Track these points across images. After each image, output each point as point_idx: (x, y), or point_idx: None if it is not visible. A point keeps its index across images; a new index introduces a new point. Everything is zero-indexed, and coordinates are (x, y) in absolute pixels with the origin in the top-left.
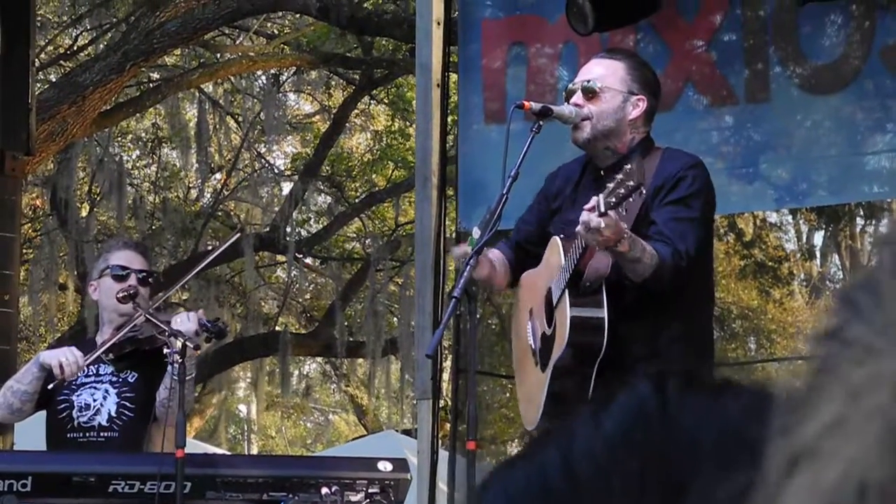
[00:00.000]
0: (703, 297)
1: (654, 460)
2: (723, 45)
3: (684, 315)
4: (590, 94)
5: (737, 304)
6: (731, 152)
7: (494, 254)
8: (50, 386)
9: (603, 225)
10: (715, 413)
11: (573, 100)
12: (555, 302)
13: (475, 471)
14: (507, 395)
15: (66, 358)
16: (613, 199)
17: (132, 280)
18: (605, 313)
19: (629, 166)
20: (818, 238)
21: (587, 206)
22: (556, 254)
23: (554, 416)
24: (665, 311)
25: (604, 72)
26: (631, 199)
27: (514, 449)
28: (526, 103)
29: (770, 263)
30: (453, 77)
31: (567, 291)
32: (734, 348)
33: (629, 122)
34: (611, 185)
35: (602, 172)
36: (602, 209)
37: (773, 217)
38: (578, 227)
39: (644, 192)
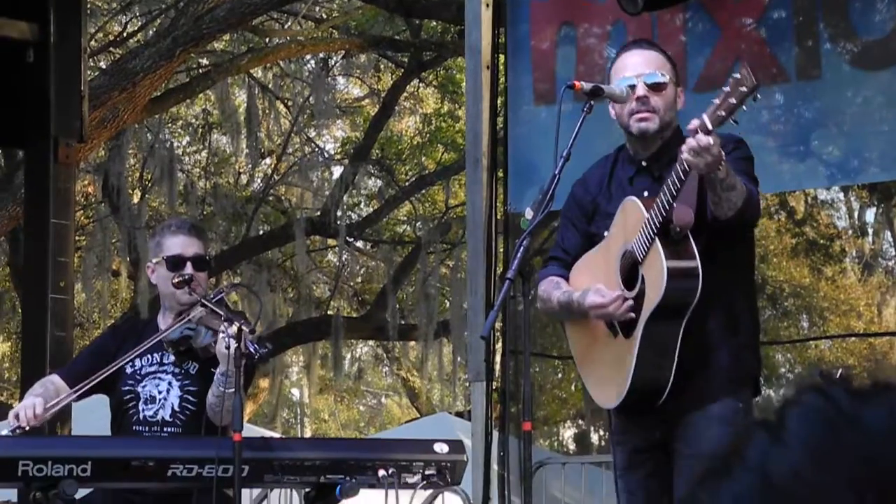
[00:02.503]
0: (747, 272)
1: (859, 461)
2: (772, 22)
3: (731, 283)
4: (657, 87)
5: (789, 282)
6: (782, 130)
7: (563, 284)
8: (5, 431)
9: (711, 143)
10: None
11: (639, 92)
12: (641, 258)
13: (530, 452)
14: (560, 375)
15: (25, 406)
16: (723, 112)
17: (188, 269)
18: (697, 262)
19: (743, 71)
20: (870, 215)
21: (690, 127)
22: (635, 212)
23: (644, 380)
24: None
25: (657, 64)
26: (744, 107)
27: (566, 430)
28: (577, 83)
29: (822, 241)
30: (503, 58)
31: (658, 241)
32: (786, 326)
33: (676, 111)
34: (717, 101)
35: (644, 164)
36: (709, 126)
37: (824, 194)
38: (683, 155)
39: (758, 96)
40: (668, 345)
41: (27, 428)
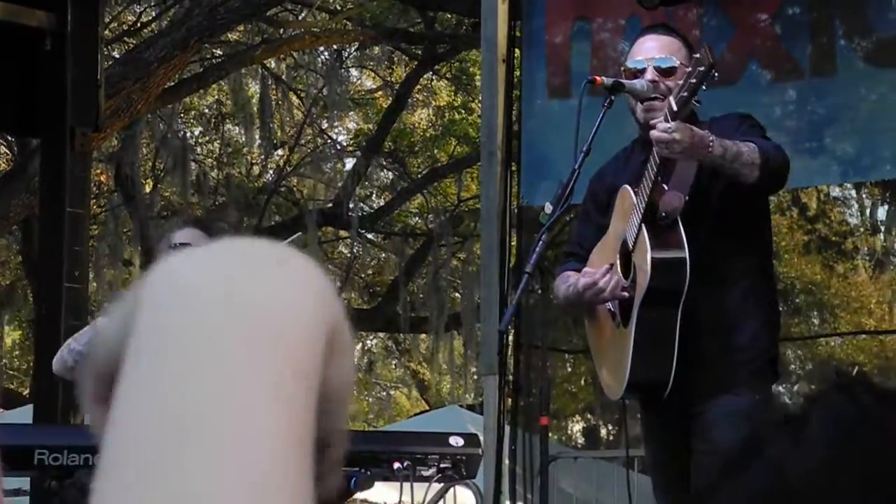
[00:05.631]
0: (765, 250)
1: (875, 472)
2: (787, 18)
3: (750, 266)
4: (668, 72)
5: (800, 278)
6: (795, 126)
7: (571, 278)
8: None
9: (673, 128)
10: None
11: (647, 77)
12: (631, 246)
13: (547, 446)
14: (569, 370)
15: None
16: (686, 93)
17: None
18: (685, 252)
19: (702, 51)
20: (882, 212)
21: (658, 119)
22: (627, 199)
23: (644, 370)
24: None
25: (671, 49)
26: (704, 87)
27: (575, 424)
28: (598, 78)
29: (834, 238)
30: (518, 52)
31: (644, 229)
32: (797, 323)
33: None
34: (680, 82)
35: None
36: (674, 108)
37: (836, 191)
38: (654, 147)
39: (717, 75)
40: (665, 332)
41: None
